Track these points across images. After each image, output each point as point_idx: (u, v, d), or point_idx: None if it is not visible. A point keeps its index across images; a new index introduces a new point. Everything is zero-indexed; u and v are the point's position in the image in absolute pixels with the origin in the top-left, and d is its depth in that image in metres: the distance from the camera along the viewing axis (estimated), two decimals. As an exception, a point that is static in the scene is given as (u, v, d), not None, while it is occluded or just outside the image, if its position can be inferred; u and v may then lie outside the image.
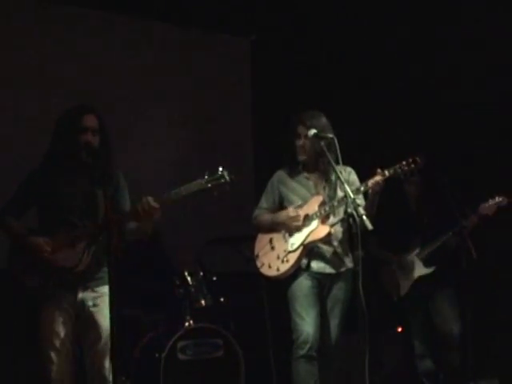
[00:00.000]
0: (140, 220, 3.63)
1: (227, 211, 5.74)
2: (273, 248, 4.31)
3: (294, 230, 4.23)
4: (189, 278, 5.18)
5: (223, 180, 3.60)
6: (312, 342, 4.13)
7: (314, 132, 4.15)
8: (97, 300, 3.68)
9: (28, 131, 5.70)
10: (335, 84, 6.50)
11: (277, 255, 4.26)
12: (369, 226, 3.65)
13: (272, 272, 4.28)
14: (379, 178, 4.00)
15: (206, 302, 5.12)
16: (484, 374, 5.24)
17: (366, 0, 6.13)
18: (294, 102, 5.30)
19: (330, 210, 4.19)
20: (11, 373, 5.19)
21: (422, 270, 5.02)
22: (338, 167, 4.01)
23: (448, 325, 5.01)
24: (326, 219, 4.21)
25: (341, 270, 4.26)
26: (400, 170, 4.00)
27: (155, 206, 3.57)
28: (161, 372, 4.65)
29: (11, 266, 3.70)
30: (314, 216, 4.18)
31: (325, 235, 4.16)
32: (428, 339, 5.14)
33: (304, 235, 4.19)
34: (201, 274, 5.23)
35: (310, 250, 4.22)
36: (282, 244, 4.27)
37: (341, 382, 4.82)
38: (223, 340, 4.90)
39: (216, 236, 5.43)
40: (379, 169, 4.03)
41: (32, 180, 3.76)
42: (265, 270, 4.32)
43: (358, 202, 3.82)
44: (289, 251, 4.22)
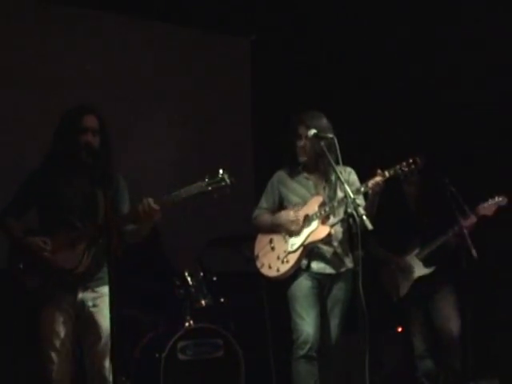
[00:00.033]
0: (140, 221, 3.63)
1: (227, 211, 5.74)
2: (273, 248, 4.31)
3: (293, 232, 4.23)
4: (189, 279, 5.18)
5: (224, 183, 3.61)
6: (312, 343, 4.13)
7: (313, 132, 4.14)
8: (97, 300, 3.68)
9: (28, 131, 5.70)
10: (335, 84, 6.49)
11: (277, 256, 4.27)
12: (369, 226, 3.64)
13: (272, 272, 4.28)
14: (379, 178, 4.00)
15: (206, 302, 5.12)
16: (484, 374, 5.23)
17: (366, 0, 6.12)
18: (294, 102, 5.30)
19: (330, 211, 4.19)
20: (11, 373, 5.19)
21: (421, 271, 5.02)
22: (338, 167, 4.01)
23: (448, 325, 5.00)
24: (326, 220, 4.21)
25: (341, 271, 4.26)
26: (400, 171, 4.00)
27: (156, 208, 3.57)
28: (161, 372, 4.65)
29: (11, 266, 3.70)
30: (314, 216, 4.18)
31: (325, 236, 4.16)
32: (428, 339, 5.13)
33: (304, 236, 4.19)
34: (201, 274, 5.23)
35: (310, 251, 4.21)
36: (282, 244, 4.26)
37: (341, 382, 4.83)
38: (223, 340, 4.89)
39: (216, 236, 5.43)
40: (379, 169, 4.03)
41: (32, 180, 3.76)
42: (265, 270, 4.32)
43: (358, 202, 3.82)
44: (289, 252, 4.22)
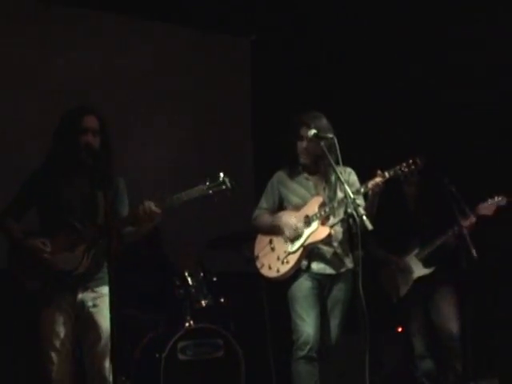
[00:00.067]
0: (140, 224, 3.64)
1: (227, 211, 5.74)
2: (273, 249, 4.30)
3: (290, 237, 4.22)
4: (189, 279, 5.18)
5: (224, 186, 3.62)
6: (312, 343, 4.12)
7: (313, 132, 4.14)
8: (96, 300, 3.67)
9: (28, 131, 5.71)
10: (335, 84, 6.49)
11: (277, 256, 4.26)
12: (369, 226, 3.64)
13: (272, 273, 4.27)
14: (379, 179, 4.00)
15: (207, 303, 5.12)
16: (484, 374, 5.23)
17: (366, 0, 6.12)
18: (294, 102, 5.31)
19: (330, 211, 4.17)
20: (11, 373, 5.19)
21: (421, 271, 5.01)
22: (338, 168, 4.00)
23: (447, 324, 5.00)
24: (326, 220, 4.20)
25: (341, 271, 4.25)
26: (400, 172, 3.99)
27: (156, 211, 3.57)
28: (161, 372, 4.65)
29: (11, 267, 3.70)
30: (314, 217, 4.17)
31: (325, 236, 4.15)
32: (428, 339, 5.13)
33: (304, 236, 4.18)
34: (201, 274, 5.23)
35: (310, 251, 4.21)
36: (282, 245, 4.25)
37: (341, 382, 4.83)
38: (223, 340, 4.89)
39: (216, 236, 5.43)
40: (379, 170, 4.02)
41: (33, 181, 3.76)
42: (265, 271, 4.31)
43: (358, 202, 3.82)
44: (289, 252, 4.21)
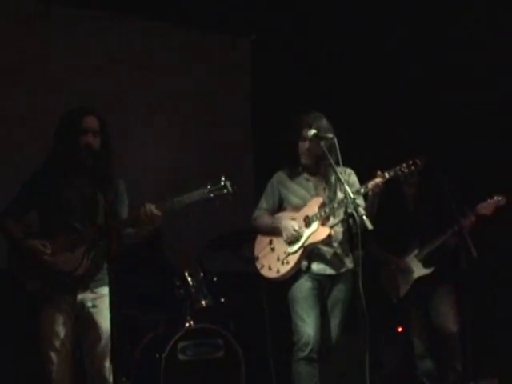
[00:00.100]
0: (140, 226, 3.64)
1: (227, 212, 5.74)
2: (273, 249, 4.29)
3: (289, 241, 4.21)
4: (189, 279, 5.18)
5: (226, 191, 3.62)
6: (313, 344, 4.12)
7: (313, 132, 4.14)
8: (96, 301, 3.68)
9: (28, 131, 5.70)
10: (335, 84, 6.48)
11: (277, 257, 4.25)
12: (369, 226, 3.65)
13: (272, 274, 4.27)
14: (379, 179, 3.99)
15: (207, 303, 5.12)
16: (484, 374, 5.23)
17: (366, 0, 6.12)
18: (294, 102, 5.31)
19: (330, 212, 4.17)
20: (11, 373, 5.19)
21: (420, 271, 5.01)
22: (338, 168, 4.00)
23: (446, 324, 5.00)
24: (325, 221, 4.20)
25: (341, 271, 4.25)
26: (400, 172, 3.99)
27: (157, 214, 3.57)
28: (161, 372, 4.65)
29: (11, 267, 3.70)
30: (314, 218, 4.17)
31: (325, 237, 4.15)
32: (428, 339, 5.13)
33: (304, 237, 4.18)
34: (201, 274, 5.23)
35: (310, 252, 4.20)
36: (282, 245, 4.25)
37: (341, 382, 4.83)
38: (223, 340, 4.89)
39: (216, 237, 5.43)
40: (379, 171, 4.02)
41: (33, 181, 3.75)
42: (265, 271, 4.30)
43: (358, 202, 3.82)
44: (289, 253, 4.21)
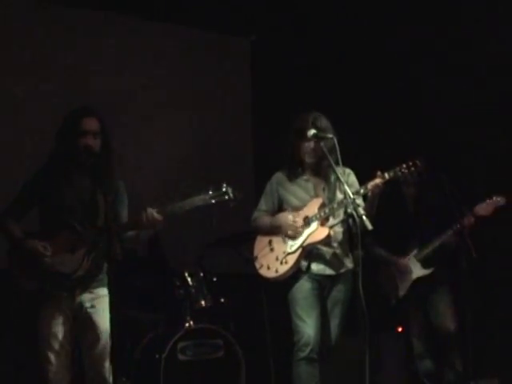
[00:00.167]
0: (141, 230, 3.64)
1: (227, 212, 5.74)
2: (272, 249, 4.29)
3: (291, 235, 4.22)
4: (189, 279, 5.18)
5: (227, 197, 3.63)
6: (313, 345, 4.11)
7: (313, 132, 4.13)
8: (95, 301, 3.68)
9: (28, 131, 5.71)
10: (335, 84, 6.48)
11: (276, 257, 4.25)
12: (369, 226, 3.65)
13: (271, 273, 4.26)
14: (379, 180, 3.98)
15: (206, 303, 5.13)
16: (484, 374, 5.23)
17: (366, 0, 6.12)
18: (294, 102, 5.30)
19: (330, 212, 4.16)
20: (11, 373, 5.19)
21: (420, 271, 5.01)
22: (337, 168, 4.00)
23: (445, 323, 5.00)
24: (325, 221, 4.19)
25: (340, 272, 4.25)
26: (400, 173, 3.98)
27: (158, 219, 3.58)
28: (161, 373, 4.66)
29: (10, 267, 3.70)
30: (314, 218, 4.16)
31: (324, 237, 4.14)
32: (428, 339, 5.13)
33: (303, 237, 4.18)
34: (201, 274, 5.24)
35: (309, 252, 4.20)
36: (281, 245, 4.24)
37: (341, 382, 4.83)
38: (223, 341, 4.90)
39: (216, 237, 5.43)
40: (379, 171, 4.01)
41: (34, 182, 3.75)
42: (263, 271, 4.30)
43: (358, 202, 3.82)
44: (288, 253, 4.20)
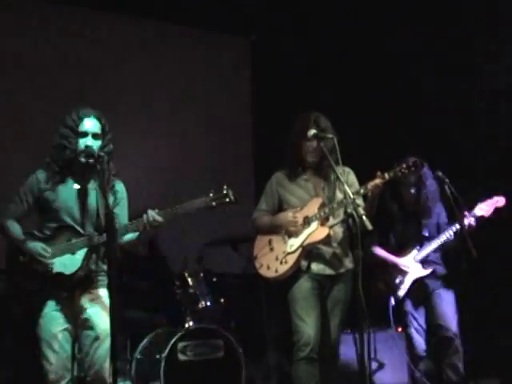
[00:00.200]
0: (142, 232, 3.64)
1: (227, 212, 5.75)
2: (272, 249, 4.28)
3: (292, 233, 4.21)
4: (189, 279, 5.19)
5: (228, 199, 3.63)
6: (313, 344, 4.10)
7: (313, 132, 4.14)
8: (94, 302, 3.66)
9: (28, 132, 5.71)
10: (335, 84, 6.49)
11: (275, 256, 4.24)
12: (369, 226, 3.64)
13: (271, 273, 4.25)
14: (379, 180, 3.98)
15: (206, 303, 5.13)
16: (484, 374, 5.23)
17: (365, 0, 6.13)
18: (294, 102, 5.30)
19: (330, 212, 4.16)
20: (11, 373, 5.20)
21: (419, 272, 5.01)
22: (337, 168, 4.00)
23: (445, 323, 4.98)
24: (325, 221, 4.18)
25: (340, 271, 4.24)
26: (400, 173, 3.97)
27: (159, 221, 3.57)
28: (161, 372, 4.66)
29: (11, 267, 3.69)
30: (314, 218, 4.15)
31: (323, 237, 4.13)
32: (428, 339, 5.12)
33: (303, 237, 4.17)
34: (201, 275, 5.24)
35: (309, 252, 4.19)
36: (281, 245, 4.24)
37: (341, 382, 4.83)
38: (223, 341, 4.90)
39: (216, 237, 5.43)
40: (379, 171, 4.01)
41: (34, 182, 3.73)
42: (263, 271, 4.29)
43: (358, 202, 3.82)
44: (288, 252, 4.19)
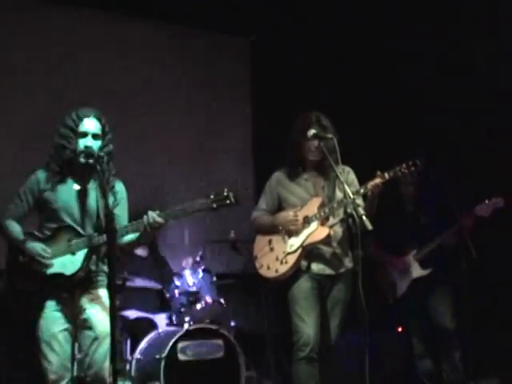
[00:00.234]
0: (142, 233, 3.65)
1: (227, 212, 5.75)
2: (272, 249, 4.28)
3: (292, 232, 4.21)
4: (189, 279, 5.19)
5: (228, 201, 3.63)
6: (313, 344, 4.10)
7: (313, 132, 4.14)
8: (94, 302, 3.66)
9: (27, 132, 5.71)
10: (335, 84, 6.49)
11: (276, 256, 4.24)
12: (368, 226, 3.65)
13: (271, 273, 4.25)
14: (379, 180, 3.97)
15: (207, 303, 5.14)
16: (484, 374, 5.23)
17: (365, 0, 6.13)
18: (294, 102, 5.30)
19: (330, 212, 4.15)
20: (11, 373, 5.20)
21: (418, 272, 5.01)
22: (337, 167, 4.00)
23: (444, 322, 4.99)
24: (325, 221, 4.18)
25: (340, 271, 4.24)
26: (400, 173, 3.97)
27: (160, 222, 3.57)
28: (161, 372, 4.66)
29: (10, 267, 3.69)
30: (314, 218, 4.15)
31: (324, 237, 4.13)
32: (427, 339, 5.13)
33: (303, 237, 4.17)
34: (201, 274, 5.24)
35: (309, 252, 4.19)
36: (281, 245, 4.23)
37: (341, 383, 4.83)
38: (223, 341, 4.90)
39: (216, 237, 5.44)
40: (379, 171, 4.01)
41: (34, 183, 3.73)
42: (264, 271, 4.28)
43: (358, 202, 3.82)
44: (288, 252, 4.19)
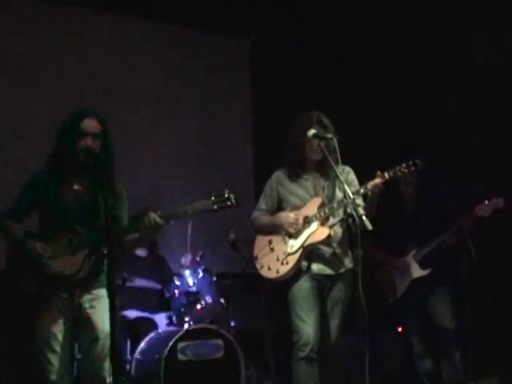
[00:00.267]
0: (142, 234, 3.65)
1: (227, 212, 5.75)
2: (272, 250, 4.27)
3: (292, 233, 4.21)
4: (189, 279, 5.19)
5: (229, 203, 3.63)
6: (313, 344, 4.09)
7: (313, 132, 4.13)
8: (94, 302, 3.66)
9: (27, 132, 5.71)
10: (335, 84, 6.49)
11: (276, 257, 4.23)
12: (368, 226, 3.64)
13: (272, 274, 4.24)
14: (379, 180, 3.97)
15: (207, 303, 5.14)
16: (484, 374, 5.23)
17: (366, 0, 6.13)
18: (294, 102, 5.30)
19: (330, 212, 4.15)
20: (11, 373, 5.19)
21: (418, 272, 5.01)
22: (337, 167, 4.00)
23: (443, 322, 5.00)
24: (325, 221, 4.18)
25: (340, 271, 4.23)
26: (400, 173, 3.97)
27: (161, 223, 3.57)
28: (161, 372, 4.66)
29: (10, 268, 3.69)
30: (314, 218, 4.15)
31: (324, 237, 4.12)
32: (427, 339, 5.13)
33: (304, 237, 4.16)
34: (201, 274, 5.24)
35: (309, 252, 4.19)
36: (282, 246, 4.23)
37: (341, 383, 4.83)
38: (223, 341, 4.90)
39: (216, 237, 5.43)
40: (379, 171, 4.01)
41: (34, 183, 3.73)
42: (264, 271, 4.27)
43: (358, 202, 3.81)
44: (288, 253, 4.18)
